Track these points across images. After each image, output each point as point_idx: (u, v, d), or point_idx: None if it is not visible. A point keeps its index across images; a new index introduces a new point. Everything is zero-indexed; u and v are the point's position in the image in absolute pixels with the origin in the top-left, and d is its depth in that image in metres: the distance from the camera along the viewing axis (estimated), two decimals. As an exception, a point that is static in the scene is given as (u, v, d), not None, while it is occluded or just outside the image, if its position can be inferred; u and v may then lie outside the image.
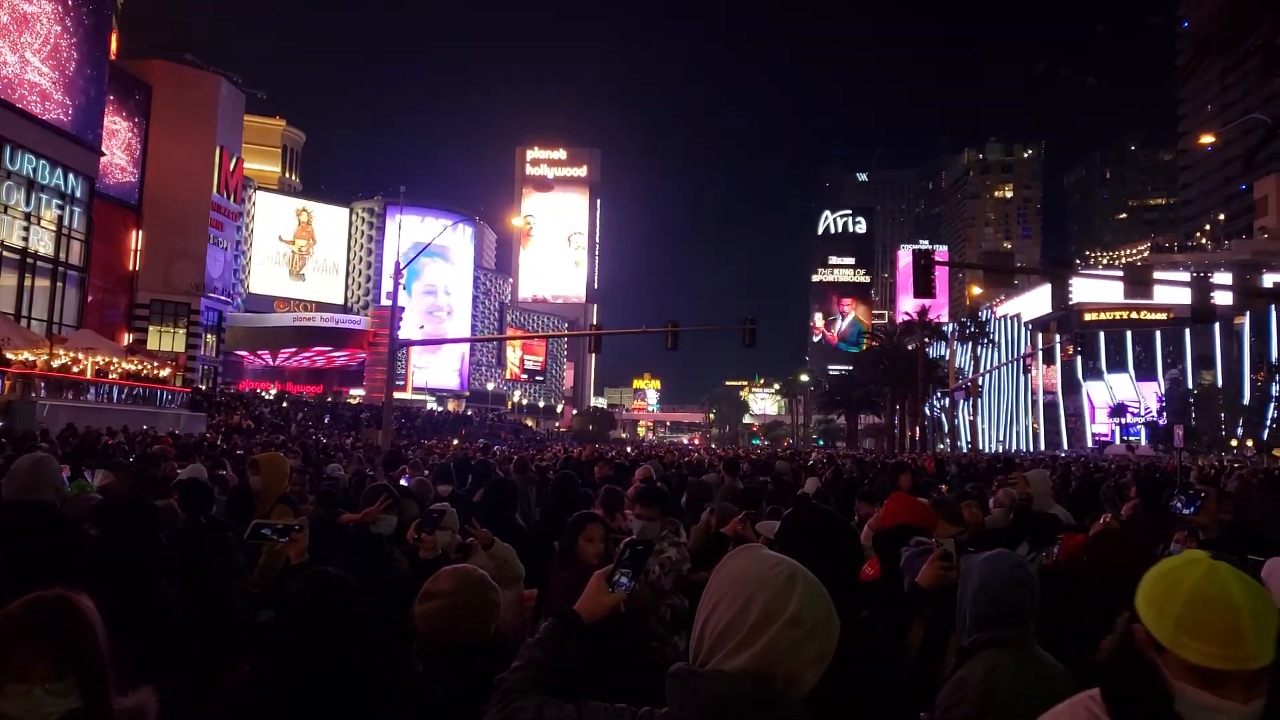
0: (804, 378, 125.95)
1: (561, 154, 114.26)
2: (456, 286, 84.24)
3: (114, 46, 43.30)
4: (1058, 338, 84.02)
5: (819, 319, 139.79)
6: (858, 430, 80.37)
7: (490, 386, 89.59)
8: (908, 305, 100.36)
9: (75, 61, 37.06)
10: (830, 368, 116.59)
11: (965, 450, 58.66)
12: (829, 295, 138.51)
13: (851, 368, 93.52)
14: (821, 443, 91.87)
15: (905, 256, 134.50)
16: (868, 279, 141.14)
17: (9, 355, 24.54)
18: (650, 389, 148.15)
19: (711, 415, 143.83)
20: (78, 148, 37.47)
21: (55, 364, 26.12)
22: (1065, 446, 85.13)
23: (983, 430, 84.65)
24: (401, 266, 32.21)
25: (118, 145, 44.40)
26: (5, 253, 33.88)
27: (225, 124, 51.78)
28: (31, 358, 25.59)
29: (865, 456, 33.22)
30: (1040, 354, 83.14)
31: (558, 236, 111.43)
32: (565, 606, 2.00)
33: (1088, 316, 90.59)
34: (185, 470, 7.69)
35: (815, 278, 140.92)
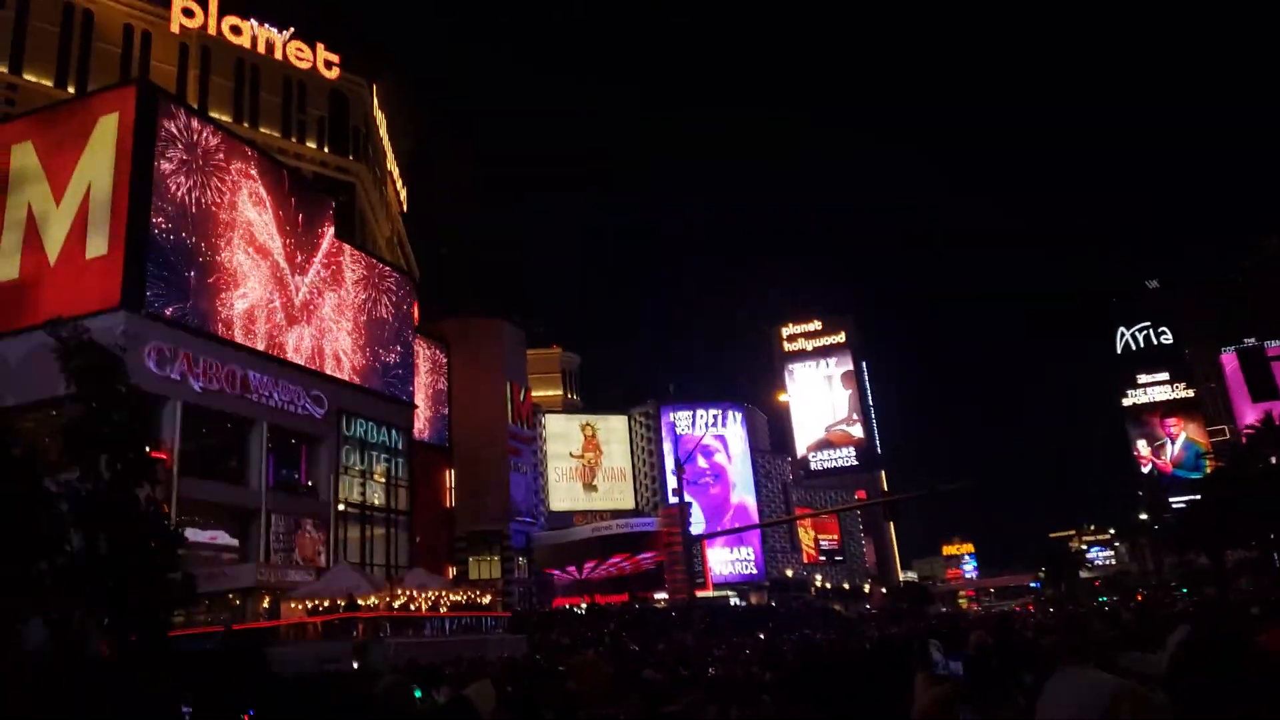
0: (1143, 516, 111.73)
1: (817, 325, 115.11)
2: (737, 474, 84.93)
3: (416, 315, 49.96)
4: None
5: (1143, 446, 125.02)
6: (1226, 569, 69.03)
7: (789, 573, 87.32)
8: (1249, 415, 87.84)
9: (391, 337, 43.17)
10: (1173, 500, 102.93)
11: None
12: (1147, 418, 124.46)
13: (1199, 496, 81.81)
14: (1186, 591, 79.45)
15: (1230, 360, 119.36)
16: (1191, 392, 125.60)
17: (360, 602, 27.36)
18: (964, 553, 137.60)
19: (1041, 574, 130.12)
20: (397, 406, 42.83)
21: (396, 604, 28.71)
22: None
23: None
24: (682, 462, 33.06)
25: (426, 397, 50.23)
26: (349, 509, 38.54)
27: (511, 361, 57.41)
28: (377, 602, 28.33)
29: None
30: None
31: (827, 408, 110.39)
32: None
33: None
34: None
35: (1126, 400, 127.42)
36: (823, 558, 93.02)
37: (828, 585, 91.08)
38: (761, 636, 49.58)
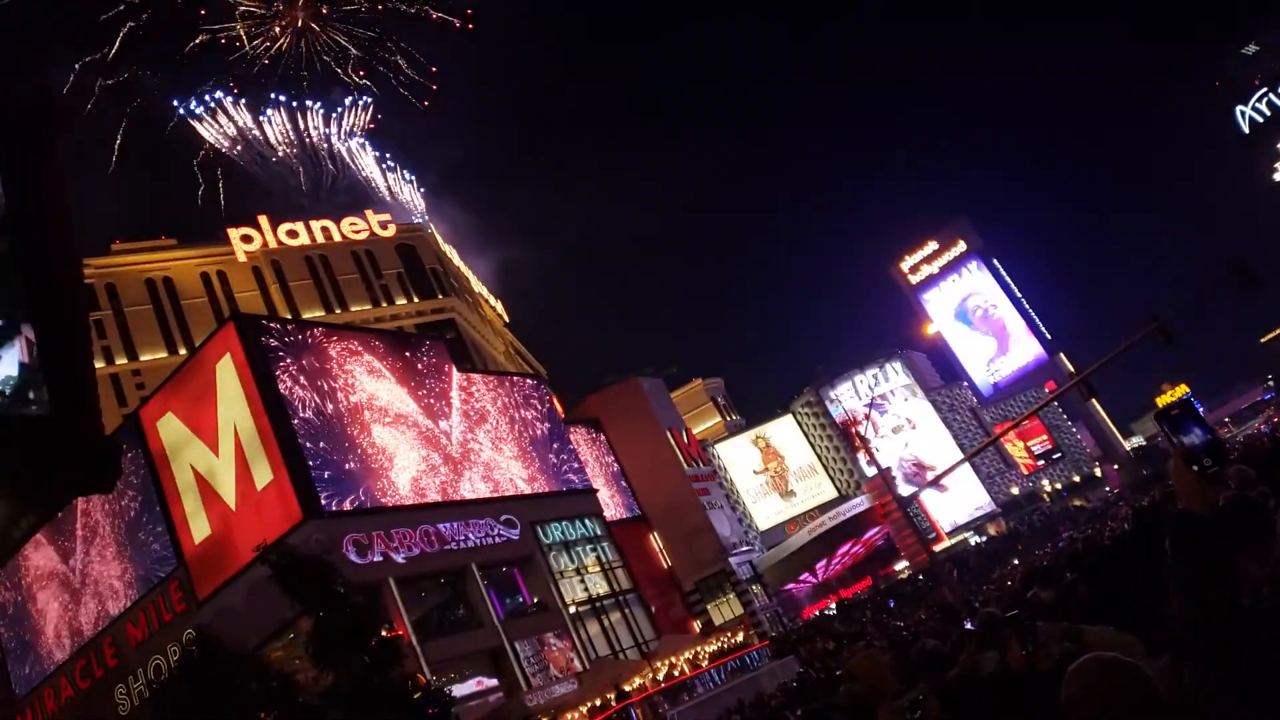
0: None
1: (934, 245, 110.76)
2: (921, 420, 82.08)
3: (559, 407, 50.80)
4: None
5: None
6: None
7: (1015, 491, 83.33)
8: None
9: (547, 437, 44.01)
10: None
11: None
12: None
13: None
14: None
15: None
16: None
17: (627, 687, 27.46)
18: (1180, 396, 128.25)
19: (1270, 381, 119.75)
20: (581, 497, 43.40)
21: (660, 676, 28.68)
22: None
23: None
24: (861, 433, 32.18)
25: (604, 477, 50.74)
26: (581, 609, 39.03)
27: (662, 410, 57.50)
28: (642, 681, 28.37)
29: None
30: None
31: (981, 320, 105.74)
32: None
33: None
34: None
35: (1277, 175, 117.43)
36: (1041, 462, 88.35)
37: (1058, 486, 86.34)
38: (1015, 563, 47.35)
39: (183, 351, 53.05)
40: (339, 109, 78.54)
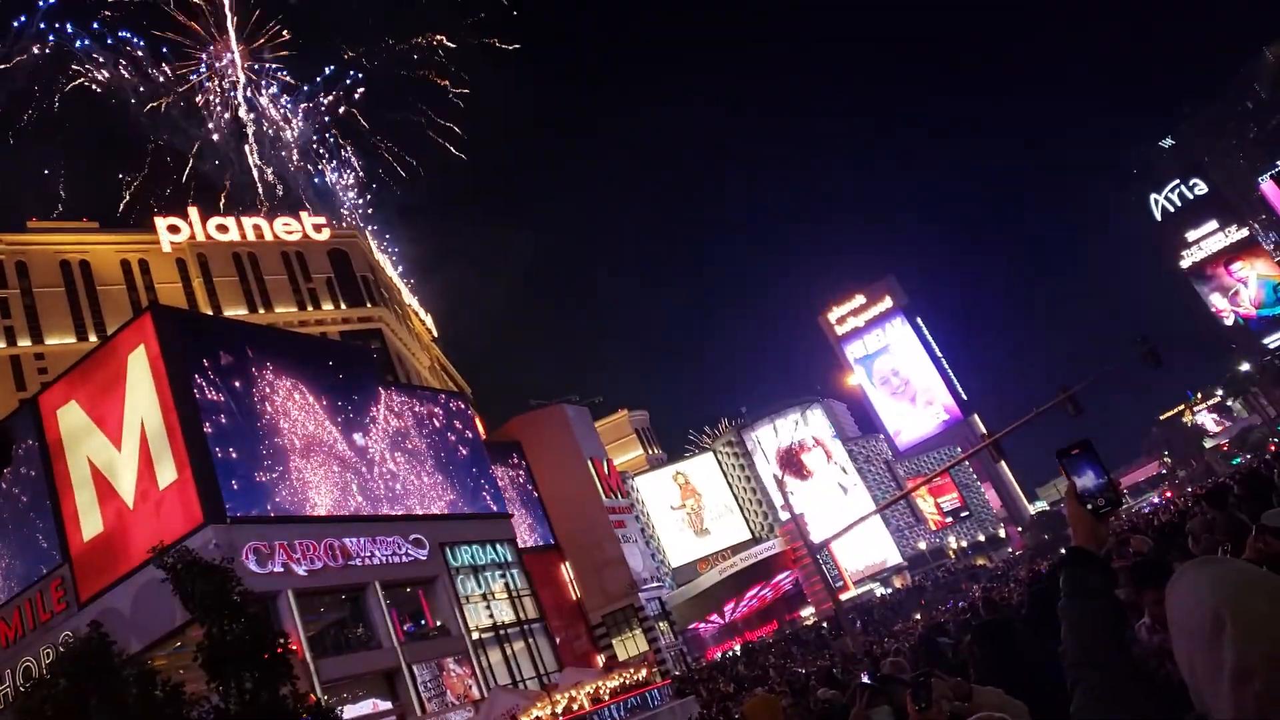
0: (1244, 366, 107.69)
1: (860, 299, 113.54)
2: (835, 466, 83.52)
3: (481, 428, 50.26)
4: None
5: (1217, 300, 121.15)
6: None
7: (922, 546, 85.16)
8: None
9: (465, 458, 43.37)
10: (1267, 341, 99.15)
11: None
12: (1211, 271, 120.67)
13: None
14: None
15: (1271, 188, 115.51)
16: (1245, 231, 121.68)
17: (524, 719, 26.99)
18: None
19: (1167, 457, 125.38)
20: (493, 522, 42.82)
21: (559, 709, 28.28)
22: None
23: None
24: (779, 476, 32.55)
25: (518, 502, 50.24)
26: (484, 635, 38.39)
27: (585, 439, 57.29)
28: (540, 714, 27.94)
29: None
30: None
31: (899, 375, 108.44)
32: None
33: None
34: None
35: (1184, 261, 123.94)
36: (949, 519, 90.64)
37: (964, 544, 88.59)
38: (918, 617, 48.27)
39: (93, 339, 50.93)
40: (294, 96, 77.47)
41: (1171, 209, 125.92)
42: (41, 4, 69.33)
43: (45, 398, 34.35)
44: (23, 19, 69.11)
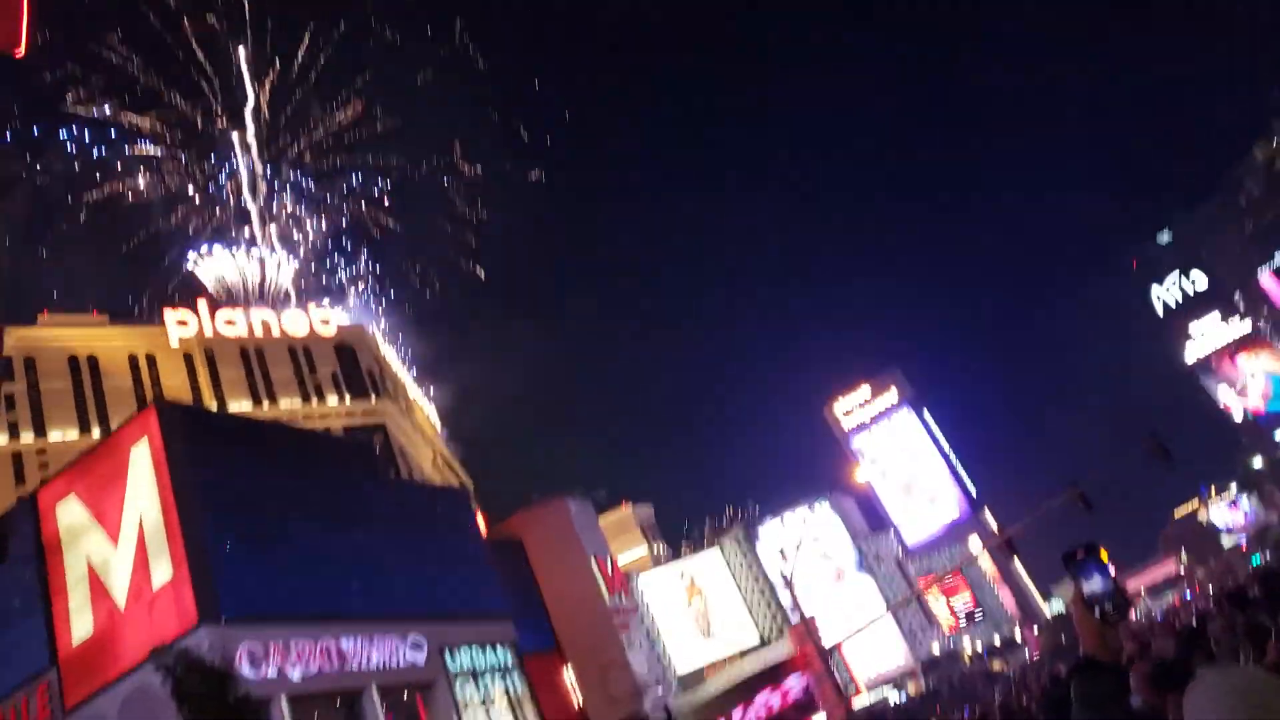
0: (1257, 462, 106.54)
1: (867, 390, 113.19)
2: (846, 566, 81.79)
3: (483, 525, 49.45)
4: None
5: (1225, 394, 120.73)
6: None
7: (936, 650, 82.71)
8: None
9: (465, 555, 42.56)
10: (1278, 436, 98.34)
11: None
12: (1217, 364, 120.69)
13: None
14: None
15: (1271, 281, 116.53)
16: (1248, 324, 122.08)
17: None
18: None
19: (1184, 556, 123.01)
20: (494, 623, 41.69)
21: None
22: None
23: None
24: (787, 576, 31.73)
25: (520, 602, 49.02)
26: (480, 744, 36.92)
27: (587, 535, 56.26)
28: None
29: None
30: None
31: (907, 470, 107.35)
32: None
33: None
34: None
35: (1189, 356, 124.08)
36: (963, 622, 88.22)
37: (978, 647, 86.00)
38: (936, 724, 46.40)
39: (97, 434, 50.77)
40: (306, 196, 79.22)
41: (1173, 304, 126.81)
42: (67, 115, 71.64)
43: (44, 492, 33.98)
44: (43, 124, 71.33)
